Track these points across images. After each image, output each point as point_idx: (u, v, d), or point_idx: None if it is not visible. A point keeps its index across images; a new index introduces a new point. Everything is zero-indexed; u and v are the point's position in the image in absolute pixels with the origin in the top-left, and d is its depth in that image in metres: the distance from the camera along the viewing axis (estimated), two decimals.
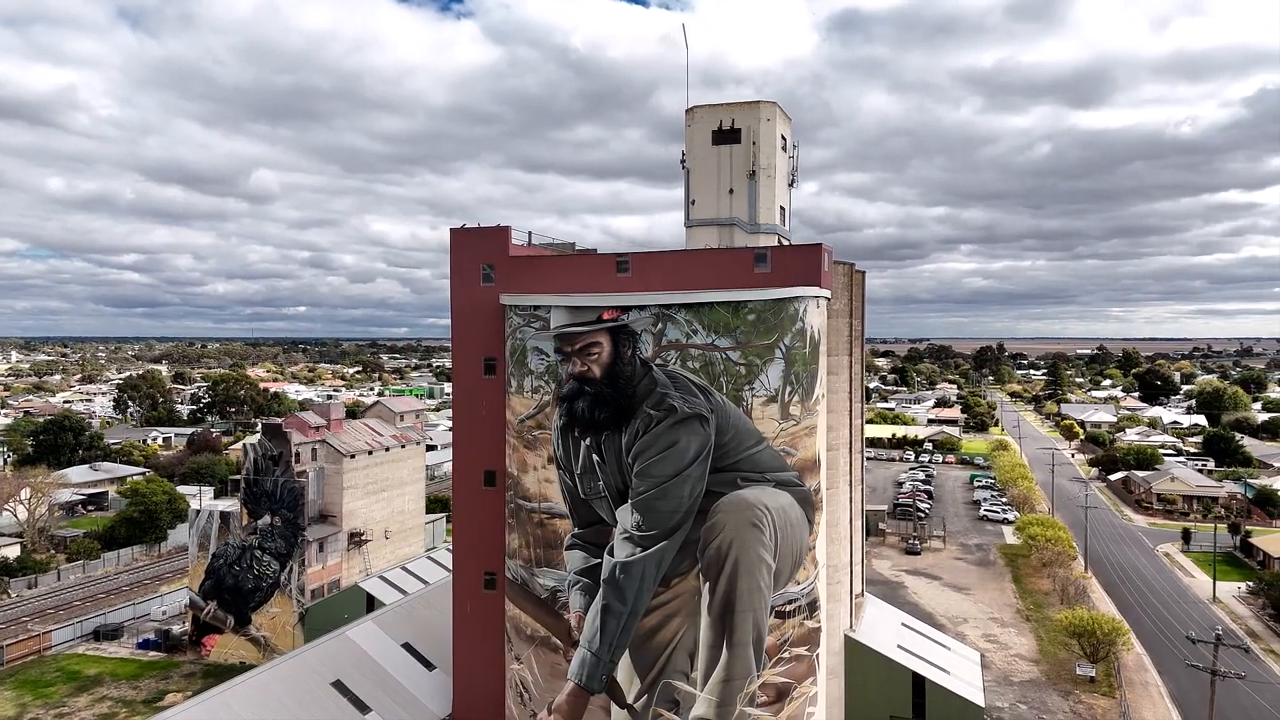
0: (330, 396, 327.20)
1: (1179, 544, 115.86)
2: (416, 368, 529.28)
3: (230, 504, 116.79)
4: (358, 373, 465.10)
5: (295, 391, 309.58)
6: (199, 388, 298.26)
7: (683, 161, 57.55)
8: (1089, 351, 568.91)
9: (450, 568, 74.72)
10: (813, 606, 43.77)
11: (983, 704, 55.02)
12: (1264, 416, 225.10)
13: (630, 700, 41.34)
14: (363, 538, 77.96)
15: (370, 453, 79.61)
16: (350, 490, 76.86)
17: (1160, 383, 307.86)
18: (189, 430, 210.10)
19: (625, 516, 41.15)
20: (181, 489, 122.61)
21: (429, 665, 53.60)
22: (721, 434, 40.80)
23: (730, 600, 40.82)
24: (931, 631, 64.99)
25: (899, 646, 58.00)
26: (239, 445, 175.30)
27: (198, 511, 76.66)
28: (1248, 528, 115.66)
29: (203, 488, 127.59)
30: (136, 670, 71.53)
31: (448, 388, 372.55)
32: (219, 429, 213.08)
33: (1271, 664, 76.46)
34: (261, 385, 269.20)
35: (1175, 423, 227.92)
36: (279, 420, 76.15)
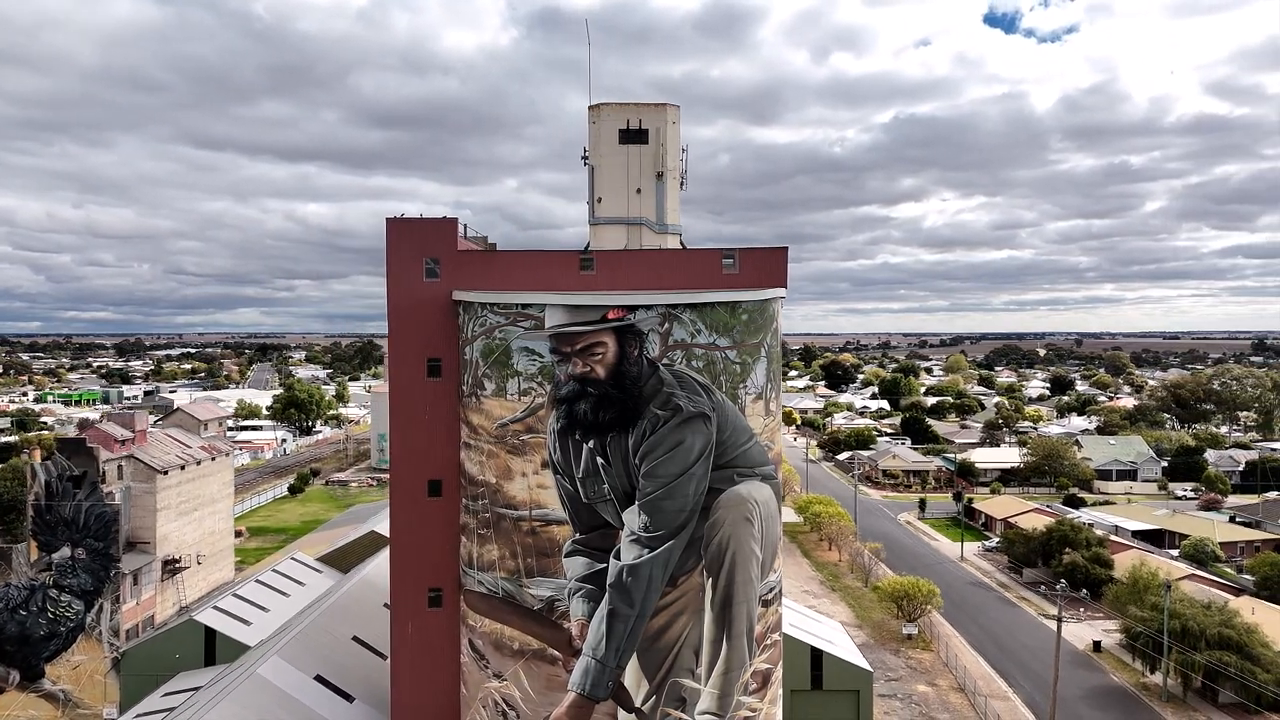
0: None
1: (916, 513, 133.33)
2: (73, 368, 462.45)
3: None
4: None
5: None
6: None
7: (584, 158, 57.16)
8: None
9: (286, 592, 68.09)
10: (781, 593, 46.09)
11: (870, 669, 60.46)
12: (931, 400, 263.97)
13: (638, 703, 40.83)
14: (178, 565, 68.11)
15: (183, 467, 69.55)
16: (164, 511, 66.76)
17: (841, 372, 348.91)
18: None
19: (632, 518, 40.54)
20: None
21: (348, 697, 48.70)
22: (721, 431, 41.55)
23: (730, 594, 41.77)
24: (801, 607, 69.91)
25: (791, 624, 61.87)
26: None
27: None
28: (968, 495, 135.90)
29: None
30: None
31: (127, 390, 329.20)
32: None
33: (1023, 606, 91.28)
34: None
35: (865, 407, 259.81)
36: (81, 434, 64.17)
